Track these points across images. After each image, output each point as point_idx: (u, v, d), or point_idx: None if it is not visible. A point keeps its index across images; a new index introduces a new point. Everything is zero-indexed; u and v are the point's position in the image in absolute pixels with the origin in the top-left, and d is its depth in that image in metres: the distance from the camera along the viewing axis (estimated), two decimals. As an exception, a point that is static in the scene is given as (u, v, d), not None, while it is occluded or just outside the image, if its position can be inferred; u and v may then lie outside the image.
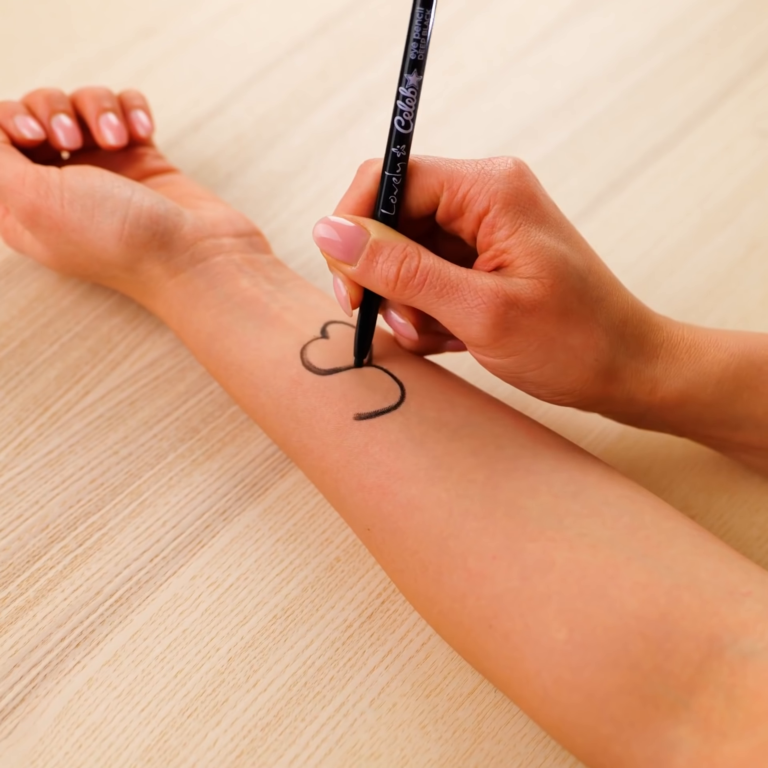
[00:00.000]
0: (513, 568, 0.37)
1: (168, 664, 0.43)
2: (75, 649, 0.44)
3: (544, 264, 0.38)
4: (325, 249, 0.40)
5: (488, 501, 0.38)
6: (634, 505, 0.38)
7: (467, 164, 0.39)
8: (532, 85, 0.65)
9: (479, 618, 0.37)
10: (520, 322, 0.38)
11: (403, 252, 0.38)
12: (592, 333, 0.39)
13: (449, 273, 0.38)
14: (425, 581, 0.39)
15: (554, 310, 0.38)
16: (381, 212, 0.40)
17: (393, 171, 0.39)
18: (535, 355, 0.39)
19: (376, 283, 0.39)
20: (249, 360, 0.45)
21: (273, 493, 0.48)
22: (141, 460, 0.49)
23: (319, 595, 0.45)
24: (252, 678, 0.43)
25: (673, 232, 0.59)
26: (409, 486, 0.40)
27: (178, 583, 0.46)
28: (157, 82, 0.63)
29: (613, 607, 0.35)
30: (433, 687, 0.43)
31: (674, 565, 0.36)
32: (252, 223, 0.51)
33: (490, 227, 0.38)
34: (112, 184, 0.48)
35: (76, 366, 0.52)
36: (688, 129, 0.63)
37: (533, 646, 0.36)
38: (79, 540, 0.47)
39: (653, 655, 0.34)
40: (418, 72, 0.37)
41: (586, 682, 0.35)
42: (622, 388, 0.40)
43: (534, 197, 0.39)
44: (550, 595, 0.36)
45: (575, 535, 0.37)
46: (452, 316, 0.38)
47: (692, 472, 0.50)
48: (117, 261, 0.48)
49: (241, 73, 0.65)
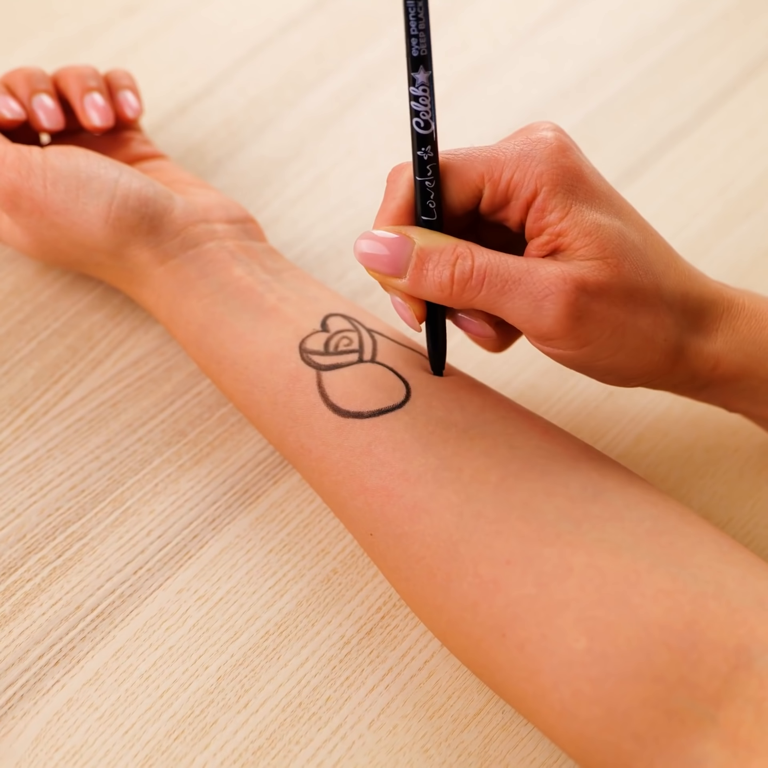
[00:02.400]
0: (528, 574, 0.37)
1: (153, 683, 0.44)
2: (54, 667, 0.44)
3: (604, 243, 0.38)
4: (371, 265, 0.40)
5: (501, 503, 0.38)
6: (656, 509, 0.38)
7: (505, 149, 0.39)
8: (541, 66, 0.65)
9: (491, 627, 0.37)
10: (591, 308, 0.38)
11: (454, 253, 0.38)
12: (658, 311, 0.39)
13: (508, 266, 0.38)
14: (433, 589, 0.39)
15: (622, 291, 0.38)
16: (422, 219, 0.40)
17: (424, 175, 0.39)
18: (608, 343, 0.39)
19: (431, 291, 0.39)
20: (243, 354, 0.45)
21: (265, 501, 0.49)
22: (124, 465, 0.49)
23: (315, 609, 0.46)
24: (243, 698, 0.44)
25: (692, 222, 0.60)
26: (415, 488, 0.40)
27: (164, 596, 0.46)
28: (141, 63, 0.63)
29: (636, 616, 0.35)
30: (437, 708, 0.43)
31: (700, 573, 0.36)
32: (245, 210, 0.52)
33: (540, 212, 0.38)
34: (98, 164, 0.48)
35: (54, 365, 0.52)
36: (708, 112, 0.64)
37: (550, 656, 0.36)
38: (58, 551, 0.47)
39: (678, 667, 0.34)
40: (425, 68, 0.37)
41: (606, 695, 0.35)
42: (686, 366, 0.41)
43: (581, 173, 0.39)
44: (567, 603, 0.36)
45: (594, 540, 0.37)
46: (519, 313, 0.38)
47: (713, 479, 0.50)
48: (102, 246, 0.48)
49: (231, 52, 0.65)
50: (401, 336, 0.46)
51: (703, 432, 0.51)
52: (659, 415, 0.52)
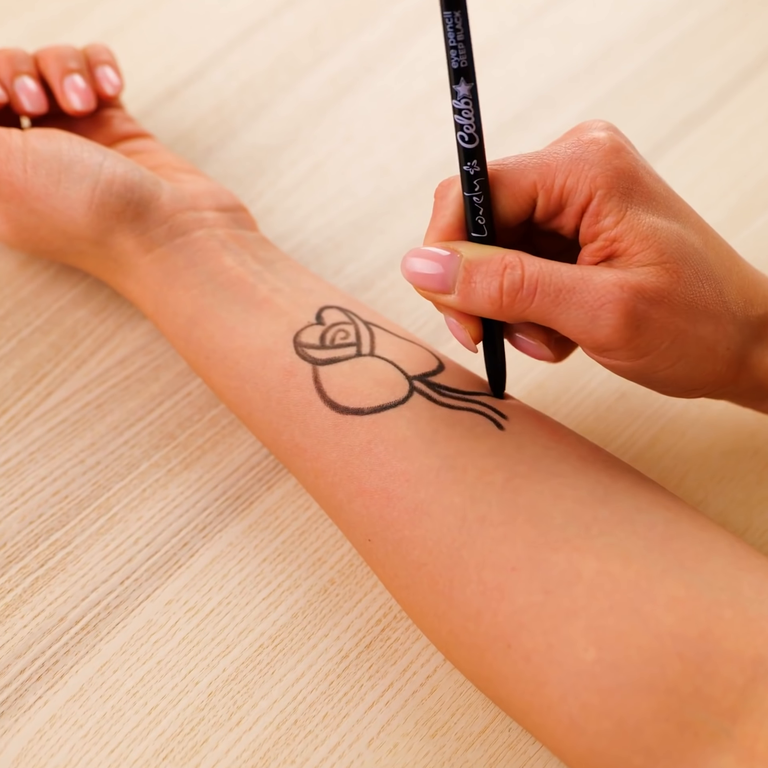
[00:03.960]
0: (534, 581, 0.37)
1: (141, 699, 0.44)
2: (36, 682, 0.44)
3: (663, 247, 0.38)
4: (419, 283, 0.39)
5: (507, 506, 0.38)
6: (669, 512, 0.38)
7: (556, 153, 0.39)
8: (549, 48, 0.65)
9: (496, 637, 0.37)
10: (650, 317, 0.37)
11: (502, 263, 0.38)
12: (720, 319, 0.39)
13: (561, 275, 0.38)
14: (434, 597, 0.39)
15: (683, 298, 0.38)
16: (473, 236, 0.40)
17: (472, 191, 0.39)
18: (667, 353, 0.38)
19: (481, 305, 0.39)
20: (234, 348, 0.45)
21: (259, 507, 0.49)
22: (110, 469, 0.49)
23: (311, 621, 0.46)
24: (235, 715, 0.44)
25: (707, 214, 0.59)
26: (417, 489, 0.40)
27: (152, 608, 0.46)
28: (127, 45, 0.63)
29: (648, 625, 0.35)
30: (440, 725, 0.43)
31: (714, 580, 0.36)
32: (236, 198, 0.52)
33: (594, 216, 0.38)
34: (82, 148, 0.48)
35: (36, 364, 0.52)
36: (725, 97, 0.64)
37: (557, 667, 0.36)
38: (40, 560, 0.47)
39: (692, 678, 0.34)
40: (466, 80, 0.37)
41: (617, 708, 0.35)
42: (749, 376, 0.41)
43: (636, 174, 0.39)
44: (576, 611, 0.36)
45: (604, 545, 0.37)
46: (574, 323, 0.38)
47: (731, 483, 0.50)
48: (85, 233, 0.48)
49: (222, 34, 0.65)
50: (400, 329, 0.47)
51: (721, 434, 0.51)
52: (674, 416, 0.52)
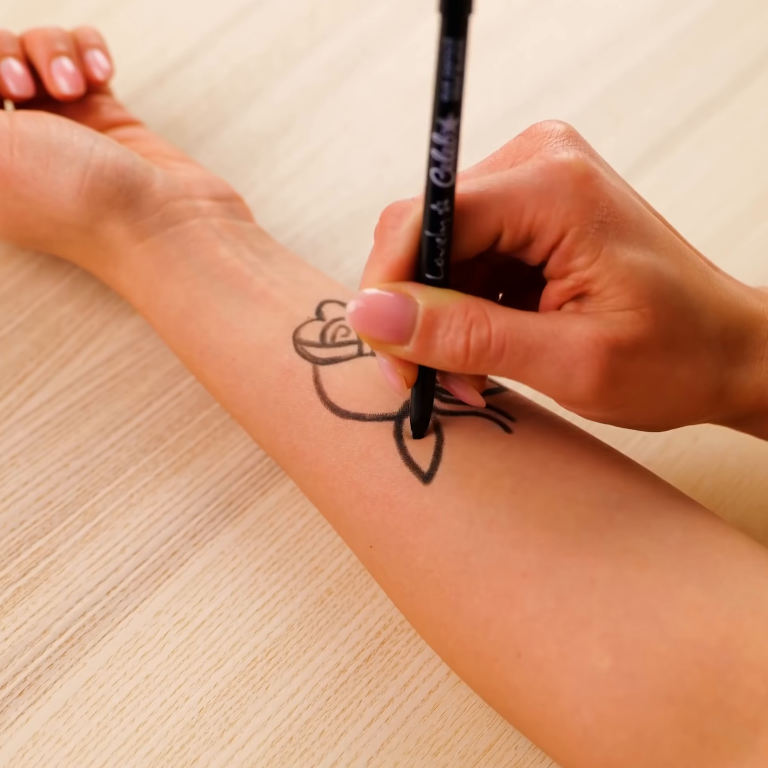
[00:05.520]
0: (546, 587, 0.37)
1: (128, 715, 0.44)
2: (18, 698, 0.44)
3: (640, 291, 0.36)
4: (366, 331, 0.37)
5: (516, 510, 0.38)
6: (687, 517, 0.38)
7: (522, 183, 0.36)
8: (558, 31, 0.65)
9: (505, 646, 0.37)
10: (627, 369, 0.36)
11: (467, 319, 0.36)
12: (698, 356, 0.38)
13: (530, 330, 0.36)
14: (440, 605, 0.39)
15: (660, 343, 0.37)
16: (426, 278, 0.37)
17: (435, 231, 0.36)
18: (644, 401, 0.38)
19: (441, 361, 0.37)
20: (230, 343, 0.45)
21: (252, 514, 0.49)
22: (96, 474, 0.49)
23: (307, 634, 0.46)
24: (228, 732, 0.43)
25: (724, 205, 0.60)
26: (420, 495, 0.40)
27: (140, 619, 0.46)
28: (114, 28, 0.63)
29: (666, 632, 0.35)
30: (443, 743, 0.43)
31: (735, 586, 0.36)
32: (231, 187, 0.52)
33: (566, 255, 0.37)
34: (72, 130, 0.49)
35: (18, 363, 0.52)
36: (744, 82, 0.64)
37: (571, 677, 0.36)
38: (22, 569, 0.47)
39: (713, 688, 0.34)
40: (455, 115, 0.34)
41: (633, 719, 0.35)
42: (728, 403, 0.40)
43: (610, 203, 0.37)
44: (590, 618, 0.36)
45: (619, 550, 0.37)
46: (545, 380, 0.37)
47: (749, 487, 0.50)
48: (74, 220, 0.48)
49: (214, 16, 0.65)
50: None
51: (738, 436, 0.51)
52: (689, 417, 0.52)
